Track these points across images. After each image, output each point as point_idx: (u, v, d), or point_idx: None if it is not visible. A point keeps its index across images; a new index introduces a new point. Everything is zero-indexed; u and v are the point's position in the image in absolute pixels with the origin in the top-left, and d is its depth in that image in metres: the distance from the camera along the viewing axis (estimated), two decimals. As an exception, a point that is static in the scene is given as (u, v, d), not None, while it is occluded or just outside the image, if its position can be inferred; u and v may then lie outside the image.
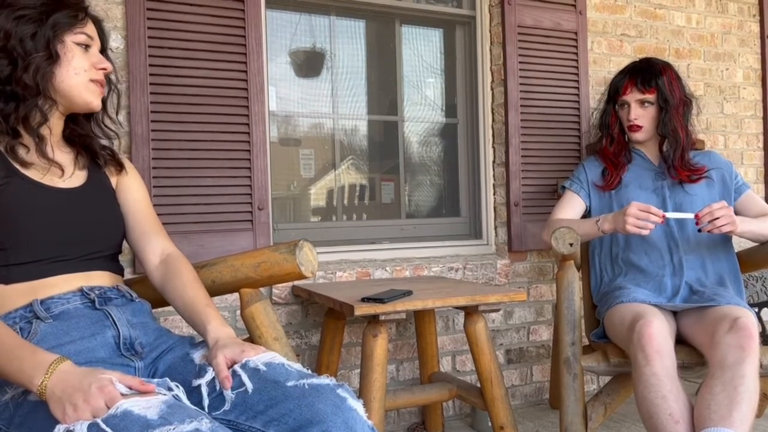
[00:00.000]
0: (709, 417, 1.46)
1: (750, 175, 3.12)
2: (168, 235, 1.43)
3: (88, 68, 1.24)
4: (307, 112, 2.47)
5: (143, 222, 1.39)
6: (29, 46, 1.18)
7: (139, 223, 1.39)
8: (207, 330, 1.21)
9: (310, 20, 2.46)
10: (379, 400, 1.72)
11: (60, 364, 0.97)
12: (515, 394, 2.58)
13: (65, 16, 1.21)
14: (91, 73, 1.25)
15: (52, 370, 0.96)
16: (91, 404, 0.91)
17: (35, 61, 1.17)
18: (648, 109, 2.09)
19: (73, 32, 1.22)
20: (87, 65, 1.24)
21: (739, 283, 2.01)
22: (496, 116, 2.60)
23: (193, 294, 1.29)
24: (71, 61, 1.22)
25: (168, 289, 1.34)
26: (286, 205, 2.44)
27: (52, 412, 0.93)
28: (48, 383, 0.95)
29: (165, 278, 1.35)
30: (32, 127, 1.20)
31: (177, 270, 1.34)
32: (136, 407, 0.91)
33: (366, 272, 2.29)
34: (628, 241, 2.06)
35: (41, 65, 1.18)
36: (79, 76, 1.23)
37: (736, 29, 3.09)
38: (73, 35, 1.22)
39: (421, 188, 2.67)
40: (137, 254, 1.40)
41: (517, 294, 1.84)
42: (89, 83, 1.25)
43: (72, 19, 1.22)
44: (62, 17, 1.21)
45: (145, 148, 1.98)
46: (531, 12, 2.55)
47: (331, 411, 1.01)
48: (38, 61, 1.18)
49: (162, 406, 0.92)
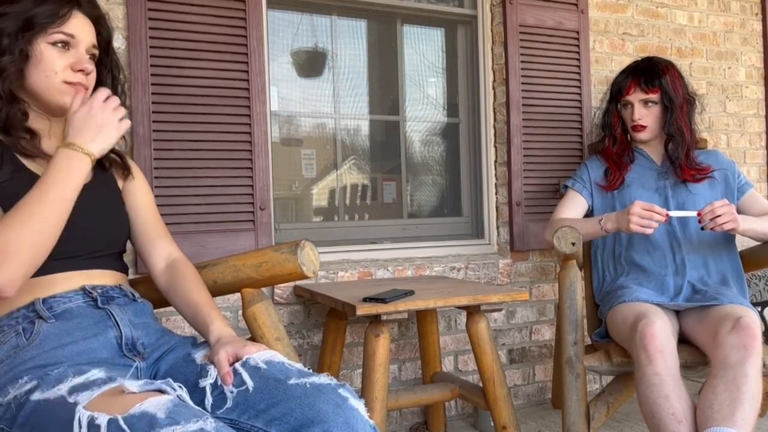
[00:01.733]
0: (711, 417, 1.45)
1: (753, 173, 3.12)
2: (173, 239, 1.43)
3: (61, 70, 1.18)
4: (309, 112, 2.47)
5: (150, 227, 1.40)
6: (4, 45, 1.15)
7: (145, 228, 1.40)
8: (210, 330, 1.21)
9: (311, 20, 2.46)
10: (381, 400, 1.72)
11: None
12: (517, 393, 2.58)
13: (44, 13, 1.16)
14: (65, 74, 1.19)
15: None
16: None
17: (2, 62, 1.14)
18: (651, 109, 2.08)
19: (47, 32, 1.17)
20: (60, 67, 1.18)
21: (742, 282, 2.01)
22: (497, 116, 2.59)
23: (196, 298, 1.30)
24: (40, 62, 1.17)
25: (173, 293, 1.35)
26: (287, 205, 2.44)
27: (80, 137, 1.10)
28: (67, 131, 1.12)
29: (170, 283, 1.35)
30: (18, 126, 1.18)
31: (182, 275, 1.34)
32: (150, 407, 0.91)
33: (368, 272, 2.29)
34: (631, 240, 2.05)
35: (7, 67, 1.14)
36: (49, 78, 1.17)
37: (738, 28, 3.08)
38: (45, 35, 1.17)
39: (423, 188, 2.67)
40: (143, 259, 1.41)
41: (519, 294, 1.84)
42: (62, 85, 1.19)
43: (49, 18, 1.16)
44: (39, 15, 1.16)
45: (147, 148, 1.98)
46: (533, 11, 2.55)
47: (333, 411, 1.01)
48: (4, 63, 1.14)
49: (168, 404, 0.93)
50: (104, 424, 0.89)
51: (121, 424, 0.88)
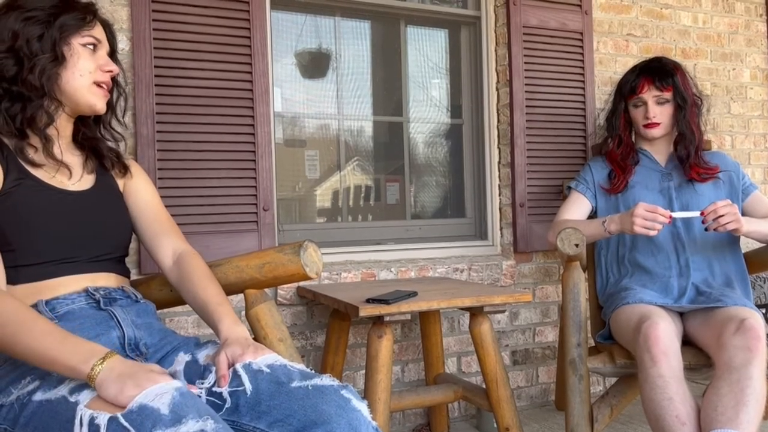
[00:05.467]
0: (715, 419, 1.45)
1: (757, 175, 3.11)
2: (180, 233, 1.42)
3: (93, 70, 1.25)
4: (312, 113, 2.47)
5: (154, 223, 1.40)
6: (35, 48, 1.19)
7: (150, 225, 1.39)
8: (219, 330, 1.21)
9: (315, 21, 2.46)
10: (384, 402, 1.72)
11: (115, 354, 0.99)
12: (521, 395, 2.57)
13: (73, 18, 1.22)
14: (96, 75, 1.25)
15: (110, 357, 0.98)
16: (154, 381, 0.93)
17: (41, 62, 1.18)
18: (665, 107, 2.08)
19: (80, 34, 1.23)
20: (93, 67, 1.25)
21: (746, 284, 2.00)
22: (501, 117, 2.59)
23: (204, 295, 1.29)
24: (77, 63, 1.23)
25: (183, 291, 1.34)
26: (291, 205, 2.44)
27: (105, 390, 0.93)
28: (106, 364, 0.96)
29: (179, 280, 1.35)
30: (39, 128, 1.21)
31: (190, 271, 1.33)
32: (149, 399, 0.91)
33: (371, 273, 2.29)
34: (634, 242, 2.05)
35: (47, 66, 1.19)
36: (83, 78, 1.24)
37: (743, 29, 3.08)
38: (79, 37, 1.23)
39: (427, 189, 2.67)
40: (152, 255, 1.40)
41: (522, 295, 1.84)
42: (92, 86, 1.25)
43: (80, 21, 1.23)
44: (70, 19, 1.22)
45: (151, 149, 1.98)
46: (536, 12, 2.55)
47: (336, 412, 1.00)
48: (43, 63, 1.18)
49: (174, 393, 0.92)
50: (104, 422, 0.89)
51: (121, 422, 0.88)
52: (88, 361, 0.97)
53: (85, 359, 0.97)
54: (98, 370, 0.96)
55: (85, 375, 0.96)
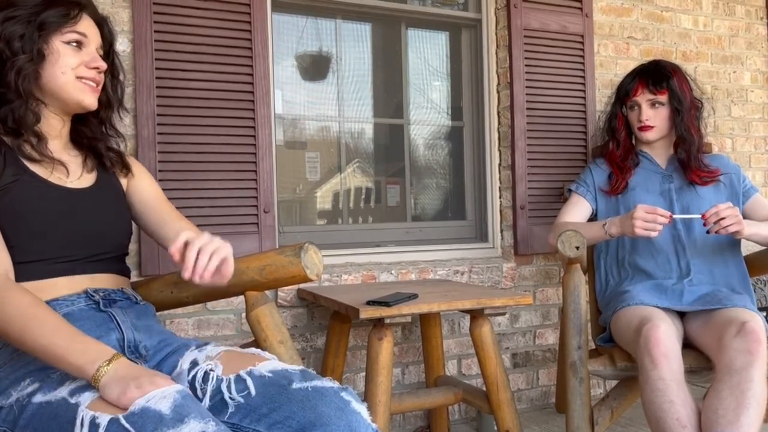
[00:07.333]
0: (716, 421, 1.45)
1: (758, 178, 3.10)
2: (189, 221, 1.42)
3: (76, 66, 1.23)
4: (313, 115, 2.47)
5: (162, 213, 1.40)
6: (17, 47, 1.18)
7: (158, 216, 1.40)
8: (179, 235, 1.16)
9: (316, 23, 2.46)
10: (384, 404, 1.72)
11: (122, 357, 1.00)
12: (521, 398, 2.57)
13: (55, 15, 1.20)
14: (80, 70, 1.23)
15: (116, 359, 0.99)
16: (156, 385, 0.94)
17: (18, 62, 1.17)
18: (659, 110, 2.08)
19: (61, 32, 1.21)
20: (75, 63, 1.23)
21: (747, 286, 1.99)
22: (502, 119, 2.59)
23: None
24: (57, 60, 1.21)
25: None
26: (291, 208, 2.44)
27: (108, 392, 0.94)
28: (112, 366, 0.97)
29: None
30: (29, 127, 1.20)
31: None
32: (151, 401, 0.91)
33: (371, 275, 2.29)
34: (634, 244, 2.05)
35: (23, 66, 1.17)
36: (66, 75, 1.22)
37: (743, 32, 3.08)
38: (60, 35, 1.21)
39: (427, 191, 2.67)
40: (162, 244, 1.40)
41: (523, 297, 1.84)
42: (77, 81, 1.23)
43: (62, 18, 1.21)
44: (50, 16, 1.20)
45: (151, 151, 1.98)
46: (537, 15, 2.55)
47: (335, 414, 1.00)
48: (21, 63, 1.17)
49: (176, 395, 0.93)
50: (105, 423, 0.89)
51: (122, 423, 0.88)
52: (95, 362, 0.97)
53: (92, 360, 0.98)
54: (103, 371, 0.96)
55: (90, 375, 0.97)
